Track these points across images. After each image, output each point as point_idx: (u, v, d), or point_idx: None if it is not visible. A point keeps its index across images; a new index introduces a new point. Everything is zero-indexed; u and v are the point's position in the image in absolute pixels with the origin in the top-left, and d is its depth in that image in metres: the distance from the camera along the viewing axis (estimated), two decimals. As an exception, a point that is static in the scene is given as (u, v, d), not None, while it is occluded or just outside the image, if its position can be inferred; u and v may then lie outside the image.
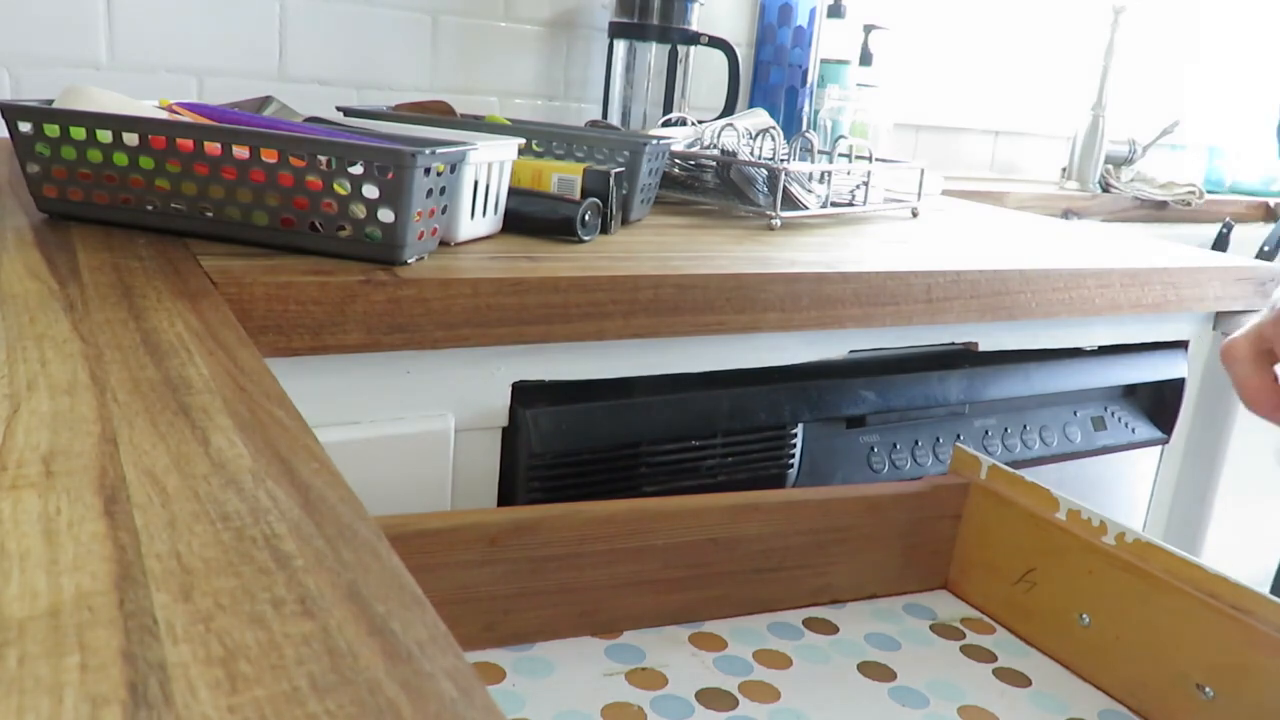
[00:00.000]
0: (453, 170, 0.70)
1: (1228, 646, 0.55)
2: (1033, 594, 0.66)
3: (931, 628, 0.67)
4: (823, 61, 1.45)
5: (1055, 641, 0.65)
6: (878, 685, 0.59)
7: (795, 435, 0.87)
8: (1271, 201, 2.05)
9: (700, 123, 1.18)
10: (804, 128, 1.41)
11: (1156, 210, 1.87)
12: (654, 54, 1.31)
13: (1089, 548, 0.63)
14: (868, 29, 1.54)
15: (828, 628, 0.65)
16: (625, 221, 0.92)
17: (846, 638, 0.64)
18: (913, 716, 0.56)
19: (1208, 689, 0.56)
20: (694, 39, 1.30)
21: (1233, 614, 0.55)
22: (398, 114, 0.99)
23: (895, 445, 0.93)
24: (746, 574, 0.65)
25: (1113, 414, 1.08)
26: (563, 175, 0.85)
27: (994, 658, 0.64)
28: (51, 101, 0.69)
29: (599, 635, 0.60)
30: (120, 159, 0.67)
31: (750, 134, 1.08)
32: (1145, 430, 1.11)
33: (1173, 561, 0.59)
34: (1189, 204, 1.88)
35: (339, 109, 0.99)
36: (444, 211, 0.71)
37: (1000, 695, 0.60)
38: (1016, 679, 0.62)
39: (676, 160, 1.10)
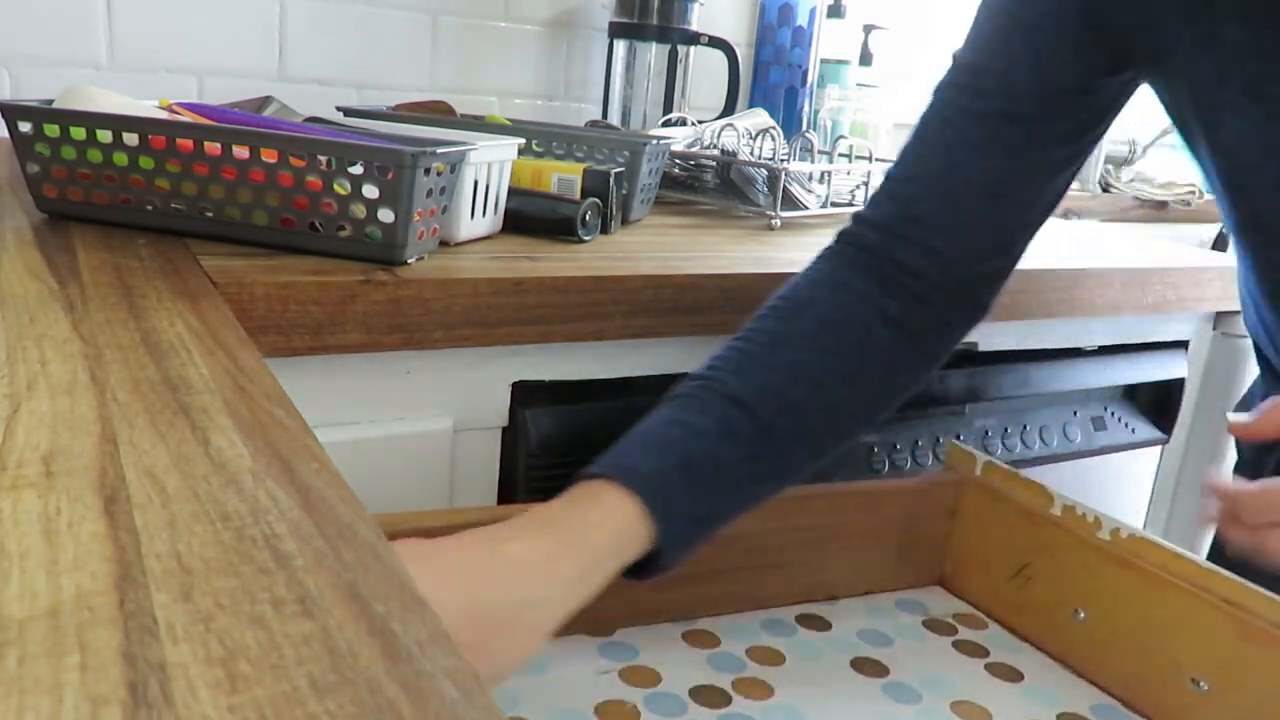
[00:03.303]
0: (453, 170, 0.70)
1: (1221, 640, 0.56)
2: (1027, 589, 0.66)
3: (924, 623, 0.67)
4: (823, 61, 1.45)
5: (1049, 636, 0.65)
6: (871, 681, 0.59)
7: (795, 435, 0.87)
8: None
9: (700, 123, 1.18)
10: (804, 128, 1.41)
11: (1156, 210, 1.87)
12: (654, 54, 1.31)
13: (1084, 543, 0.63)
14: (868, 29, 1.54)
15: (821, 624, 0.65)
16: (625, 221, 0.92)
17: (839, 634, 0.64)
18: (905, 712, 0.56)
19: (1201, 682, 0.56)
20: (694, 39, 1.30)
21: (1225, 608, 0.55)
22: (398, 114, 0.99)
23: (895, 445, 0.93)
24: (741, 570, 0.65)
25: (1113, 414, 1.08)
26: (563, 175, 0.85)
27: (986, 653, 0.64)
28: (51, 101, 0.69)
29: (592, 634, 0.60)
30: (120, 159, 0.67)
31: (750, 134, 1.08)
32: (1145, 430, 1.11)
33: (1166, 556, 0.59)
34: (1189, 204, 1.88)
35: (339, 109, 0.99)
36: (444, 211, 0.71)
37: (993, 690, 0.60)
38: (1009, 674, 0.62)
39: (676, 160, 1.10)
